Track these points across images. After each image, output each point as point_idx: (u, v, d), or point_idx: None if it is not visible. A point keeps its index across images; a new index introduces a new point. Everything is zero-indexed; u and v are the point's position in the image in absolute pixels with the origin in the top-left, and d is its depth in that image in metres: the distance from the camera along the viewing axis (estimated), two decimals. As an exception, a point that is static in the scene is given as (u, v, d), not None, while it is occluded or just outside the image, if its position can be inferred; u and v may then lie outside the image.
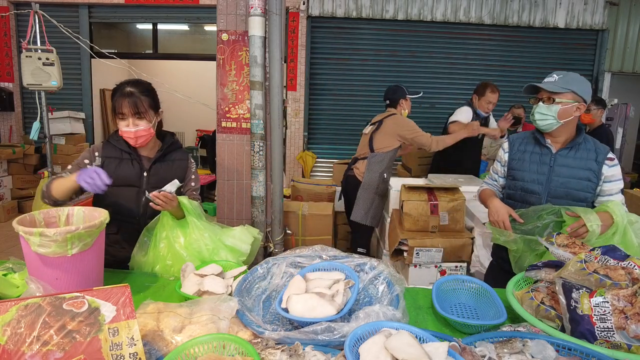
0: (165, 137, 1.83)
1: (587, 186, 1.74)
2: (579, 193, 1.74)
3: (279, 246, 2.71)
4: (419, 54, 5.85)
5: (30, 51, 3.62)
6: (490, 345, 0.95)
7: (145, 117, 1.63)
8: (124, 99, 1.59)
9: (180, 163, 1.82)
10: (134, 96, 1.60)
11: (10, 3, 5.90)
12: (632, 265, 1.12)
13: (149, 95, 1.66)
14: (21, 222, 1.25)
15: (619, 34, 5.80)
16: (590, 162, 1.73)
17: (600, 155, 1.74)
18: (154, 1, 5.85)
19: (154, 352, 0.98)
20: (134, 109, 1.60)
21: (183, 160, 1.84)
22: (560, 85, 1.68)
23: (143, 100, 1.62)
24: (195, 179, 1.86)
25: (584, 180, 1.74)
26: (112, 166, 1.69)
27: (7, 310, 0.83)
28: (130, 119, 1.61)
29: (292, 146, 5.97)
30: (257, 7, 2.33)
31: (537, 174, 1.80)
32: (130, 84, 1.64)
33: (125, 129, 1.62)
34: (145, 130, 1.64)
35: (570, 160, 1.75)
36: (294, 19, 5.64)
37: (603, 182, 1.74)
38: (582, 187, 1.74)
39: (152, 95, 1.69)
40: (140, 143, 1.66)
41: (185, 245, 1.59)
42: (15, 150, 5.53)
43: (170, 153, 1.81)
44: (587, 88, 1.71)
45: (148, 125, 1.65)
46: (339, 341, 1.00)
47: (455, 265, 2.50)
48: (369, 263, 1.37)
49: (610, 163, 1.73)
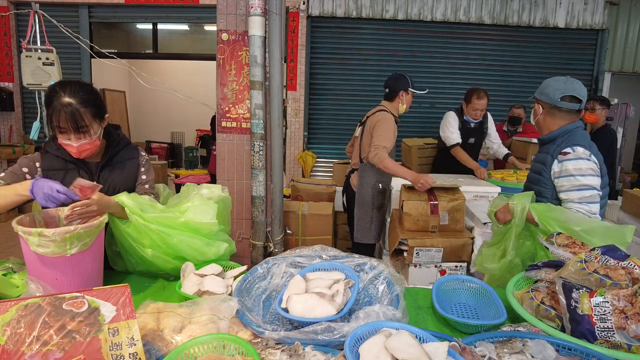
0: (110, 135, 1.59)
1: (539, 180, 1.80)
2: (533, 187, 1.84)
3: (279, 246, 2.71)
4: (419, 53, 5.85)
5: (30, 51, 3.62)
6: (490, 345, 0.95)
7: (89, 131, 1.41)
8: (61, 111, 1.35)
9: (131, 163, 1.63)
10: (73, 108, 1.36)
11: (10, 3, 5.90)
12: (632, 265, 1.12)
13: (92, 104, 1.41)
14: (20, 222, 1.25)
15: (619, 34, 5.80)
16: (547, 156, 1.76)
17: (556, 151, 1.72)
18: (154, 1, 5.85)
19: (154, 352, 0.98)
20: (73, 124, 1.36)
21: (134, 159, 1.64)
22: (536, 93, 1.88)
23: (84, 113, 1.38)
24: (145, 171, 1.67)
25: (535, 174, 1.83)
26: (56, 179, 1.43)
27: (7, 310, 0.83)
28: (71, 134, 1.39)
29: (292, 146, 5.97)
30: (257, 7, 2.33)
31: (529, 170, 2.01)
32: (68, 91, 1.37)
33: (66, 142, 1.40)
34: (90, 144, 1.43)
35: (537, 156, 1.88)
36: (294, 19, 5.64)
37: (554, 178, 1.73)
38: (534, 181, 1.84)
39: (95, 102, 1.44)
40: (85, 156, 1.46)
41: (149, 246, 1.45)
42: (15, 150, 5.53)
43: (119, 153, 1.61)
44: (547, 87, 1.80)
45: (93, 138, 1.43)
46: (339, 341, 1.00)
47: (455, 265, 2.50)
48: (369, 263, 1.37)
49: (561, 158, 1.69)
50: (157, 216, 1.43)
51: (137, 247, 1.45)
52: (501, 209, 1.78)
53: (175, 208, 1.47)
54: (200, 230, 1.48)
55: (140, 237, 1.44)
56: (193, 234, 1.47)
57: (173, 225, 1.44)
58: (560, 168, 1.69)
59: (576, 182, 1.65)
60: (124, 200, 1.40)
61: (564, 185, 1.68)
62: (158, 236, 1.43)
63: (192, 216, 1.45)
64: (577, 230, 1.47)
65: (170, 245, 1.44)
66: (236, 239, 2.77)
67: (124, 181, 1.58)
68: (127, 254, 1.51)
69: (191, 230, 1.47)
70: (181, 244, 1.44)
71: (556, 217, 1.56)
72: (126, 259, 1.54)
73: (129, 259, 1.52)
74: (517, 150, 4.22)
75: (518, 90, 5.85)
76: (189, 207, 1.47)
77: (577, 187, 1.65)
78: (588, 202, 1.64)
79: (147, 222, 1.41)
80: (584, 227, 1.48)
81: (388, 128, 2.76)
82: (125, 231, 1.44)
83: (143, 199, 1.46)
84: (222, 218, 1.59)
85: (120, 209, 1.42)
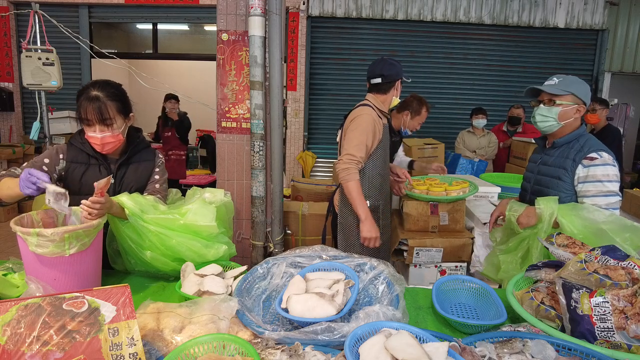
0: (132, 137, 1.65)
1: (557, 185, 1.73)
2: (550, 191, 1.76)
3: (279, 246, 2.71)
4: (419, 53, 5.86)
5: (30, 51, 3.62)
6: (490, 345, 0.95)
7: (112, 124, 1.47)
8: (89, 104, 1.43)
9: (146, 165, 1.67)
10: (100, 101, 1.44)
11: (10, 3, 5.90)
12: (632, 265, 1.12)
13: (118, 99, 1.50)
14: (19, 222, 1.25)
15: (619, 34, 5.80)
16: (567, 160, 1.72)
17: (578, 155, 1.69)
18: (154, 1, 5.86)
19: (154, 352, 0.98)
20: (99, 115, 1.44)
21: (149, 161, 1.68)
22: (560, 88, 1.70)
23: (110, 106, 1.46)
24: (159, 172, 1.70)
25: (554, 179, 1.75)
26: (78, 172, 1.54)
27: (7, 310, 0.83)
28: (96, 126, 1.45)
29: (292, 146, 5.97)
30: (257, 7, 2.33)
31: (529, 172, 1.94)
32: (97, 86, 1.47)
33: (91, 134, 1.47)
34: (113, 137, 1.49)
35: (551, 159, 1.80)
36: (294, 19, 5.64)
37: (578, 183, 1.69)
38: (552, 185, 1.76)
39: (122, 98, 1.52)
40: (107, 150, 1.52)
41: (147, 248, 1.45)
42: (15, 150, 5.53)
43: (137, 153, 1.66)
44: (586, 90, 1.72)
45: (116, 132, 1.50)
46: (339, 341, 1.00)
47: (455, 265, 2.50)
48: (369, 263, 1.37)
49: (587, 163, 1.66)
50: (156, 217, 1.42)
51: (136, 248, 1.45)
52: (524, 214, 1.71)
53: (176, 210, 1.48)
54: (200, 232, 1.48)
55: (139, 239, 1.44)
56: (193, 236, 1.47)
57: (172, 227, 1.44)
58: (587, 173, 1.65)
59: (603, 188, 1.63)
60: (124, 201, 1.40)
61: (590, 190, 1.65)
62: (157, 238, 1.42)
63: (192, 218, 1.45)
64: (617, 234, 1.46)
65: (169, 247, 1.44)
66: (236, 239, 2.77)
67: (137, 180, 1.62)
68: (127, 254, 1.51)
69: (191, 232, 1.47)
70: (180, 245, 1.44)
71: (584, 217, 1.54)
72: (125, 259, 1.54)
73: (129, 259, 1.52)
74: (517, 150, 4.22)
75: (518, 91, 5.85)
76: (189, 209, 1.47)
77: (604, 193, 1.64)
78: (613, 207, 1.63)
79: (147, 224, 1.41)
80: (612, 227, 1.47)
81: (363, 130, 2.07)
82: (125, 232, 1.44)
83: (145, 199, 1.47)
84: (223, 222, 1.59)
85: (120, 210, 1.42)
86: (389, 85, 2.22)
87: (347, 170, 2.02)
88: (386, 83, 2.21)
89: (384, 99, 2.25)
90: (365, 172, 2.18)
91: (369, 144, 2.11)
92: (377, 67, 2.21)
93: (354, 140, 2.07)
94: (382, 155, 2.22)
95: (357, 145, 2.05)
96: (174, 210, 1.48)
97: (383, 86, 2.22)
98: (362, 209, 2.03)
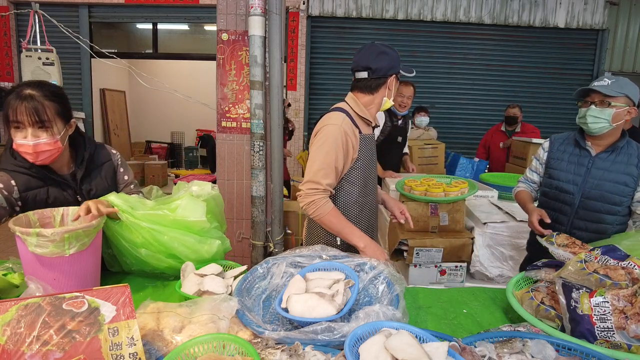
0: (75, 140, 1.45)
1: (623, 190, 1.73)
2: (614, 197, 1.74)
3: (279, 246, 2.71)
4: (419, 53, 5.86)
5: (30, 51, 3.62)
6: (490, 345, 0.95)
7: (51, 127, 1.27)
8: (21, 103, 1.21)
9: (107, 166, 1.53)
10: (35, 100, 1.23)
11: (10, 3, 5.90)
12: (632, 265, 1.12)
13: (57, 100, 1.30)
14: (17, 222, 1.24)
15: (619, 33, 5.80)
16: (631, 167, 1.72)
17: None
18: (154, 1, 5.86)
19: (154, 352, 0.98)
20: (34, 116, 1.22)
21: (108, 162, 1.54)
22: (614, 89, 1.68)
23: (47, 106, 1.25)
24: (125, 172, 1.59)
25: (620, 185, 1.74)
26: (41, 197, 1.35)
27: (7, 310, 0.83)
28: (28, 129, 1.24)
29: (292, 146, 5.97)
30: (257, 7, 2.33)
31: (573, 174, 1.84)
32: (32, 85, 1.27)
33: (21, 141, 1.24)
34: (50, 144, 1.27)
35: (609, 164, 1.76)
36: (294, 19, 5.64)
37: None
38: (618, 191, 1.74)
39: (62, 100, 1.32)
40: (42, 160, 1.29)
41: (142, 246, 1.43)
42: (15, 150, 5.53)
43: (92, 158, 1.50)
44: (636, 92, 1.71)
45: (55, 139, 1.28)
46: (339, 341, 1.00)
47: (455, 265, 2.50)
48: (369, 263, 1.37)
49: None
50: (147, 214, 1.39)
51: (130, 246, 1.43)
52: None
53: (165, 206, 1.45)
54: (192, 227, 1.45)
55: (132, 236, 1.42)
56: (185, 231, 1.44)
57: (164, 222, 1.41)
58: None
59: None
60: (113, 200, 1.37)
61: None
62: (150, 234, 1.40)
63: (182, 214, 1.42)
64: None
65: (162, 243, 1.41)
66: (236, 239, 2.77)
67: (106, 187, 1.52)
68: (122, 254, 1.50)
69: (182, 227, 1.44)
70: (173, 241, 1.42)
71: None
72: (121, 259, 1.52)
73: (124, 259, 1.51)
74: (517, 150, 4.21)
75: (517, 90, 5.86)
76: (178, 205, 1.43)
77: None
78: None
79: (138, 220, 1.38)
80: None
81: (329, 148, 1.56)
82: (118, 231, 1.42)
83: (132, 197, 1.44)
84: (214, 216, 1.56)
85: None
86: (378, 82, 1.64)
87: (314, 205, 1.56)
88: (374, 79, 1.63)
89: (369, 101, 1.69)
90: (337, 199, 1.68)
91: (340, 166, 1.59)
92: (363, 56, 1.64)
93: (316, 162, 1.57)
94: (361, 176, 1.68)
95: (322, 169, 1.55)
96: (163, 205, 1.45)
97: (369, 83, 1.65)
98: (356, 237, 1.56)
